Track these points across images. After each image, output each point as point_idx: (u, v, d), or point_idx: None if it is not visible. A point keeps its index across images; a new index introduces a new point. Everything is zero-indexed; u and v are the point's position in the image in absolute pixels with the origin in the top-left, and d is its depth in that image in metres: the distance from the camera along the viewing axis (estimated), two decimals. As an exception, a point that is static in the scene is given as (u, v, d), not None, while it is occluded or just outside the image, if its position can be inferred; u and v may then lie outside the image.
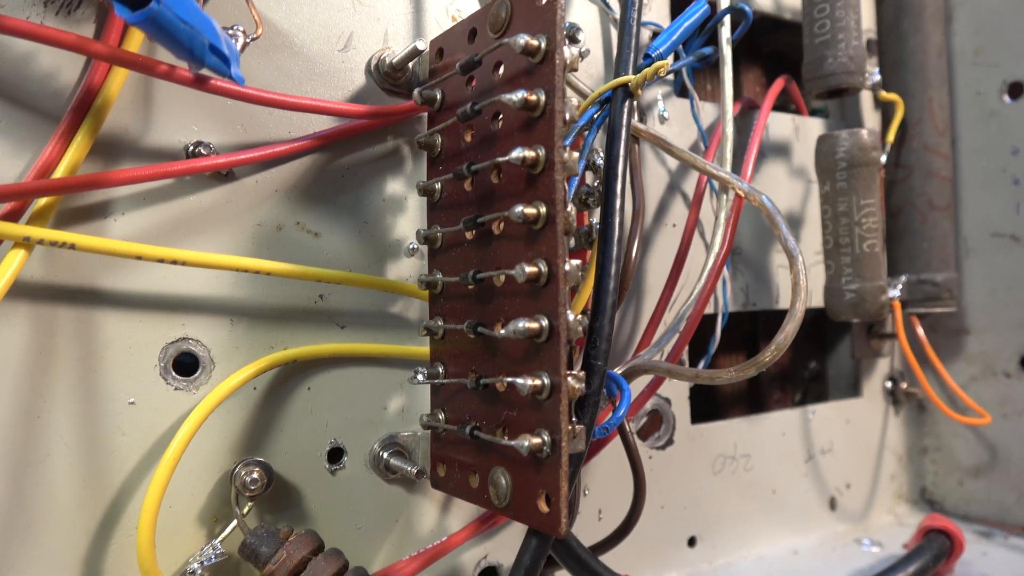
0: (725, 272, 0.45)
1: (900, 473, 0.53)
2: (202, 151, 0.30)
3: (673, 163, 0.43)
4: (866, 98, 0.51)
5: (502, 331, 0.27)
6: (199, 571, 0.29)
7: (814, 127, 0.50)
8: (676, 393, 0.43)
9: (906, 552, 0.39)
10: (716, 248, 0.39)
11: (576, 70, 0.28)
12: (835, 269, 0.43)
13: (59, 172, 0.26)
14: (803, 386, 0.54)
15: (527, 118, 0.27)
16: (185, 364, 0.30)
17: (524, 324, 0.26)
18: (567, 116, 0.27)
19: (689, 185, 0.44)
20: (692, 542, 0.44)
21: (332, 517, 0.33)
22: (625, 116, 0.32)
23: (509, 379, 0.26)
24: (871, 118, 0.52)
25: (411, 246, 0.34)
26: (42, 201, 0.26)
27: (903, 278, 0.47)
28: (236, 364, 0.31)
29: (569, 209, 0.27)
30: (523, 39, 0.26)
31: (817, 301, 0.48)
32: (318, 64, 0.33)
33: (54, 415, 0.28)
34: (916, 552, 0.37)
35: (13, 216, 0.26)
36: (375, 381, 0.34)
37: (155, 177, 0.28)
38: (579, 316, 0.27)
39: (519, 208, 0.26)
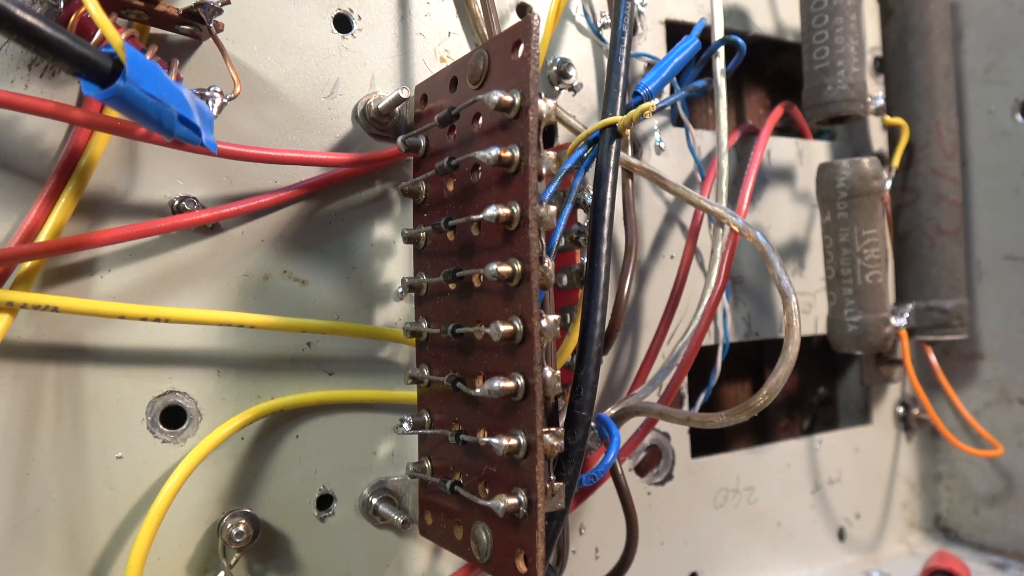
0: (725, 302, 0.44)
1: (913, 501, 0.52)
2: (186, 206, 0.30)
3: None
4: (874, 120, 0.50)
5: (477, 390, 0.26)
6: (187, 623, 0.29)
7: (819, 151, 0.49)
8: (675, 427, 0.43)
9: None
10: (712, 282, 0.39)
11: (553, 122, 0.28)
12: (837, 300, 0.42)
13: (44, 234, 0.27)
14: (812, 413, 0.53)
15: (503, 173, 0.27)
16: (172, 417, 0.31)
17: (499, 384, 0.26)
18: (543, 171, 0.27)
19: (688, 215, 0.43)
20: (693, 578, 0.43)
21: (322, 565, 0.33)
22: (612, 158, 0.32)
23: (485, 439, 0.26)
24: (879, 139, 0.50)
25: (398, 290, 0.34)
26: (27, 264, 0.27)
27: (910, 306, 0.46)
28: (224, 415, 0.31)
29: (547, 264, 0.27)
30: (496, 96, 0.26)
31: (824, 328, 0.47)
32: (304, 112, 0.33)
33: (42, 471, 0.28)
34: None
35: (-2, 280, 0.26)
36: (364, 427, 0.34)
37: (138, 235, 0.28)
38: (557, 372, 0.26)
39: (493, 267, 0.26)
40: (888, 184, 0.44)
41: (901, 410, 0.52)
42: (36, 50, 0.20)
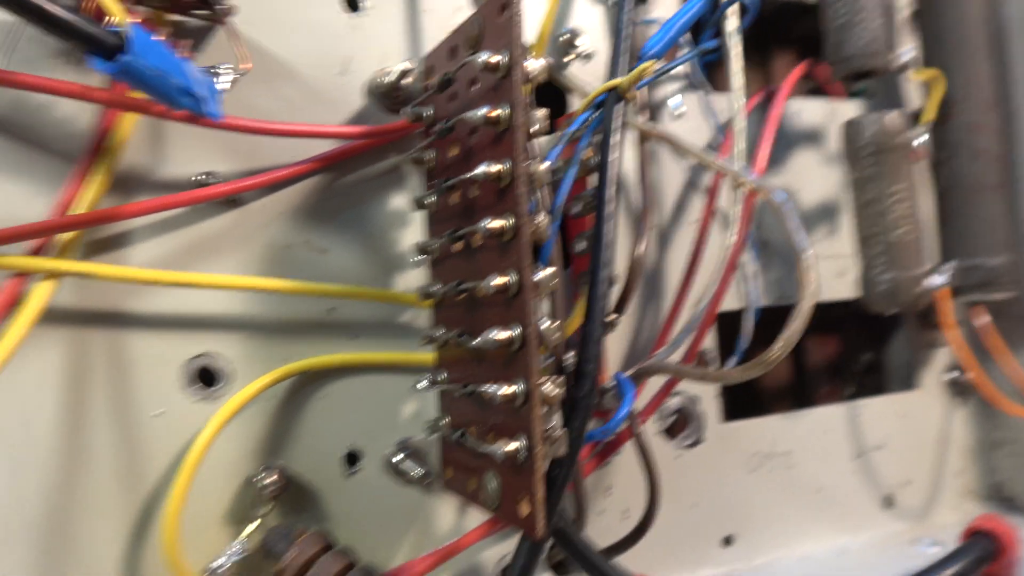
0: (754, 266, 0.44)
1: (968, 469, 0.50)
2: (210, 180, 0.32)
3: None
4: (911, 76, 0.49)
5: (475, 341, 0.27)
6: (224, 566, 0.31)
7: (850, 111, 0.48)
8: (705, 391, 0.42)
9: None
10: (729, 242, 0.39)
11: (545, 81, 0.29)
12: (867, 259, 0.41)
13: (79, 209, 0.29)
14: (856, 380, 0.52)
15: (494, 133, 0.28)
16: (206, 377, 0.33)
17: (494, 335, 0.27)
18: (534, 128, 0.27)
19: (710, 179, 0.43)
20: (728, 541, 0.43)
21: (350, 518, 0.35)
22: (616, 120, 0.32)
23: (484, 387, 0.27)
24: (917, 95, 0.49)
25: (414, 257, 0.36)
26: (67, 236, 0.29)
27: (951, 264, 0.44)
28: (253, 375, 0.33)
29: (541, 218, 0.27)
30: (482, 57, 0.27)
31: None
32: (318, 90, 0.35)
33: (91, 426, 0.31)
34: (952, 556, 0.35)
35: (41, 252, 0.29)
36: (387, 388, 0.36)
37: (165, 207, 0.30)
38: (557, 323, 0.27)
39: (484, 223, 0.27)
40: (922, 139, 0.43)
41: (953, 375, 0.50)
42: (49, 30, 0.22)
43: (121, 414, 0.31)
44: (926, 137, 0.44)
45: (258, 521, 0.32)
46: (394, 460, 0.35)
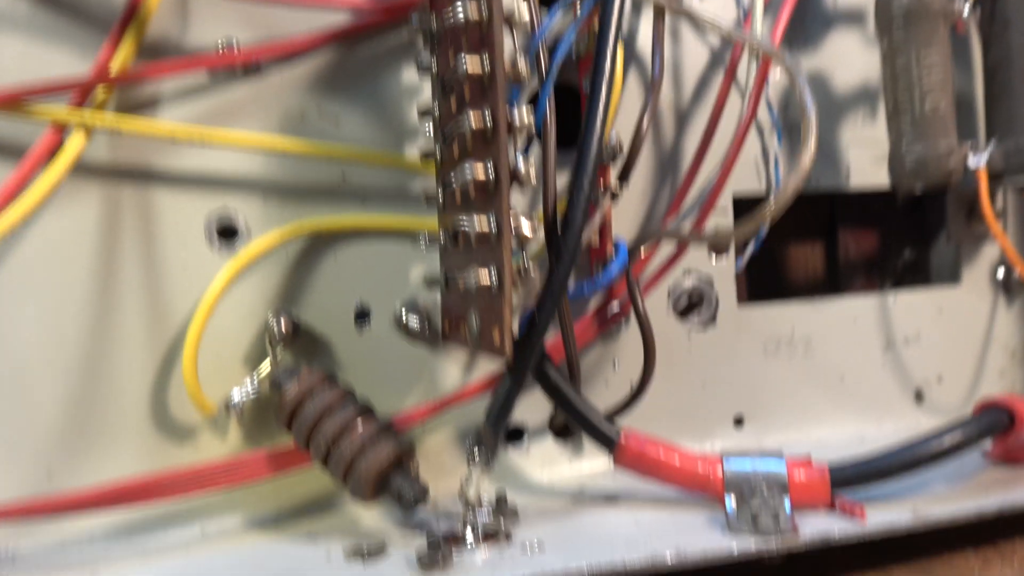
0: (778, 148, 0.43)
1: (1012, 370, 0.48)
2: (231, 48, 0.34)
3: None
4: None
5: (453, 176, 0.29)
6: (239, 401, 0.35)
7: (894, -13, 0.45)
8: (720, 272, 0.42)
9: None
10: (742, 112, 0.38)
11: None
12: (896, 134, 0.40)
13: (112, 70, 0.32)
14: (895, 277, 0.50)
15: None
16: (226, 232, 0.36)
17: (470, 175, 0.28)
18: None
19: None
20: (739, 422, 0.43)
21: (361, 369, 0.37)
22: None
23: (462, 217, 0.29)
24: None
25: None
26: (100, 95, 0.33)
27: (992, 143, 0.42)
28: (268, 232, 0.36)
29: (520, 61, 0.28)
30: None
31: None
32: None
33: (122, 272, 0.34)
34: (958, 425, 0.34)
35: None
36: (396, 252, 0.38)
37: (189, 67, 0.33)
38: (526, 160, 0.28)
39: (463, 66, 0.28)
40: (967, 7, 0.40)
41: (1001, 271, 0.48)
42: None
43: (149, 262, 0.35)
44: (971, 5, 0.41)
45: (270, 362, 0.35)
46: (401, 317, 0.37)
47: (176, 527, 0.35)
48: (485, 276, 0.28)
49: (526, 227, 0.28)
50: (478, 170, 0.28)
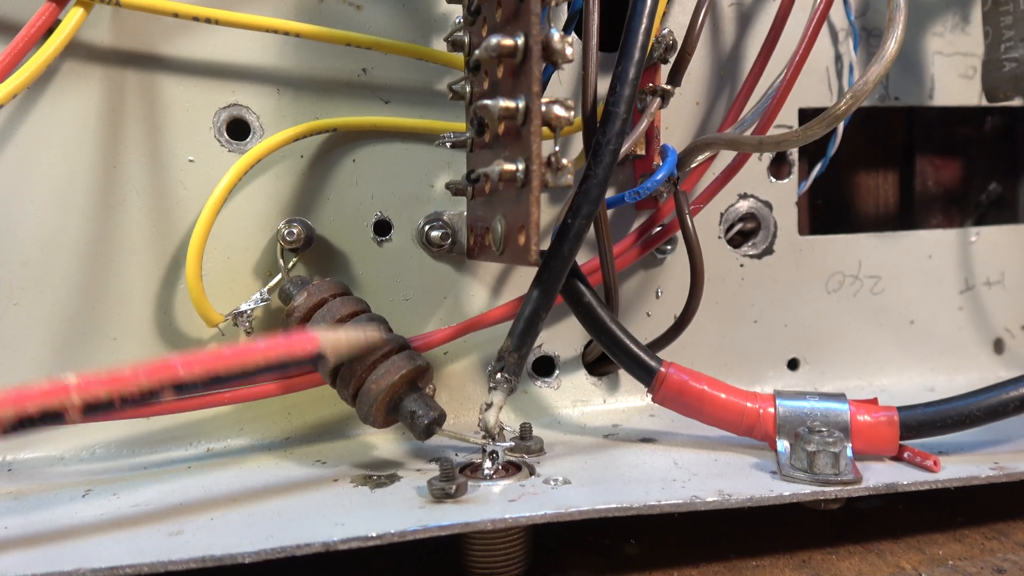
0: (853, 56, 0.38)
1: (1109, 321, 0.43)
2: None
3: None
4: None
5: (478, 51, 0.25)
6: (248, 311, 0.32)
7: None
8: (779, 196, 0.38)
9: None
10: (809, 17, 0.33)
11: None
12: (993, 36, 0.35)
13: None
14: (978, 212, 0.45)
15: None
16: (237, 129, 0.33)
17: (496, 40, 0.24)
18: None
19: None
20: (793, 365, 0.39)
21: (380, 286, 0.34)
22: None
23: (487, 102, 0.25)
24: None
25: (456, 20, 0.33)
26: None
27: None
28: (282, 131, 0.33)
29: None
30: None
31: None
32: None
33: (127, 166, 0.32)
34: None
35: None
36: (421, 157, 0.34)
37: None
38: (562, 34, 0.24)
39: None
40: None
41: (1103, 211, 0.42)
42: None
43: (155, 156, 0.32)
44: None
45: (282, 273, 0.33)
46: (426, 231, 0.34)
47: (180, 447, 0.33)
48: (511, 166, 0.25)
49: (560, 109, 0.24)
50: (505, 41, 0.24)
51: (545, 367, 0.37)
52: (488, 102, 0.25)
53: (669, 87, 0.32)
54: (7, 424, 0.22)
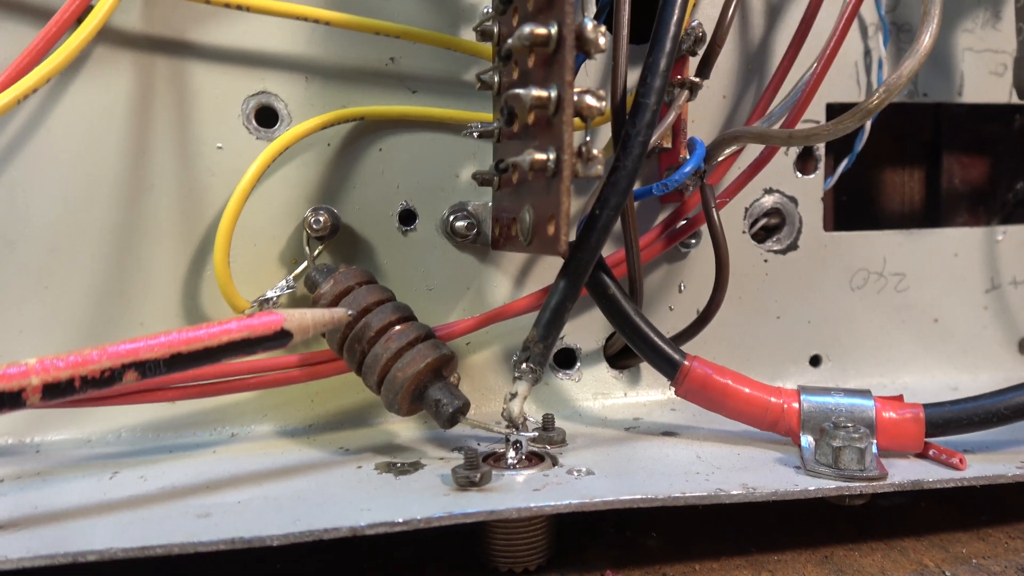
0: (883, 51, 0.38)
1: None
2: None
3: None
4: None
5: (510, 40, 0.25)
6: (274, 298, 0.32)
7: None
8: (805, 192, 0.38)
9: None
10: (841, 12, 0.33)
11: None
12: (1027, 34, 0.34)
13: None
14: (1004, 211, 0.45)
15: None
16: (266, 116, 0.33)
17: (529, 28, 0.24)
18: None
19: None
20: (816, 361, 0.39)
21: (404, 275, 0.34)
22: None
23: (519, 91, 0.25)
24: None
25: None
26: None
27: None
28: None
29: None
30: None
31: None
32: None
33: (155, 153, 0.32)
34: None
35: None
36: (447, 148, 0.34)
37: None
38: (595, 23, 0.24)
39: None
40: None
41: None
42: None
43: (183, 143, 0.32)
44: None
45: (308, 260, 0.33)
46: (450, 219, 0.34)
47: (205, 431, 0.34)
48: (542, 156, 0.25)
49: (592, 99, 0.24)
50: (539, 30, 0.24)
51: (567, 359, 0.37)
52: (520, 91, 0.25)
53: (698, 80, 0.32)
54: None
